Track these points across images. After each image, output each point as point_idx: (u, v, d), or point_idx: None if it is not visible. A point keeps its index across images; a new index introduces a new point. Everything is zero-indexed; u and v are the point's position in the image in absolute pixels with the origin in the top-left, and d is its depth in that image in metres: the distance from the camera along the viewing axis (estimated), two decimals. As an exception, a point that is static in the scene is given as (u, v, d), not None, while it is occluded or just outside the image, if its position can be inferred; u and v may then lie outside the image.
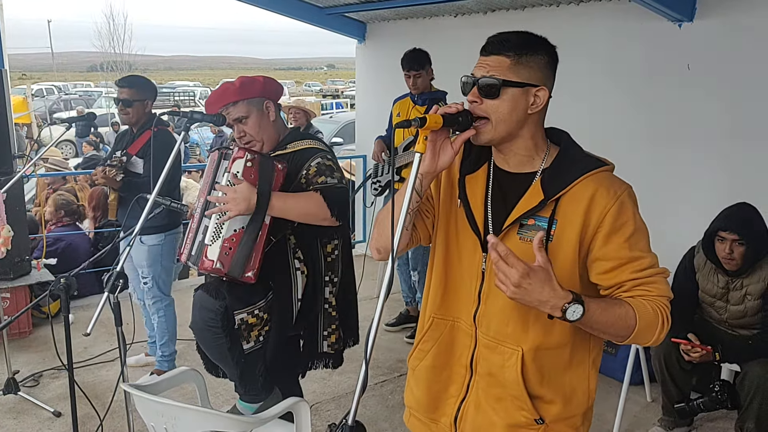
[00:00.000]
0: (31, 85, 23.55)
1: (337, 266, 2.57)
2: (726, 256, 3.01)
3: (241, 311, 2.43)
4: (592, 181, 1.47)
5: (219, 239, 2.29)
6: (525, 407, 1.55)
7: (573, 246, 1.47)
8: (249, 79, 2.49)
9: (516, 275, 1.30)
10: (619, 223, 1.45)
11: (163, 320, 3.80)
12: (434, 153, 1.48)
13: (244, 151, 2.29)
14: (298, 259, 2.44)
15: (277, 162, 2.32)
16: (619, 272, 1.45)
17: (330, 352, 2.58)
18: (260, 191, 2.25)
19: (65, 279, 2.35)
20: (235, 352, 2.50)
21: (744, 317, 3.10)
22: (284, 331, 2.47)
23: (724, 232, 3.01)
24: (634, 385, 3.66)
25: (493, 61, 1.47)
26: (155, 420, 2.10)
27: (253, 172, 2.26)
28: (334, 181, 2.37)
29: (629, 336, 1.42)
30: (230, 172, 2.29)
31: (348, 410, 1.40)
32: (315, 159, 2.39)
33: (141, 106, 3.61)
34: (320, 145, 2.49)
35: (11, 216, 4.26)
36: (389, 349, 4.31)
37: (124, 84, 3.62)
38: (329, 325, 2.55)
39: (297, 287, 2.44)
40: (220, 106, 2.46)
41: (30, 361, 4.12)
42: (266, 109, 2.47)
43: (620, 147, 4.18)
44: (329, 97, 29.54)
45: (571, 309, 1.34)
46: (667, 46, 4.02)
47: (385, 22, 6.09)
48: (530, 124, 1.52)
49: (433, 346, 1.67)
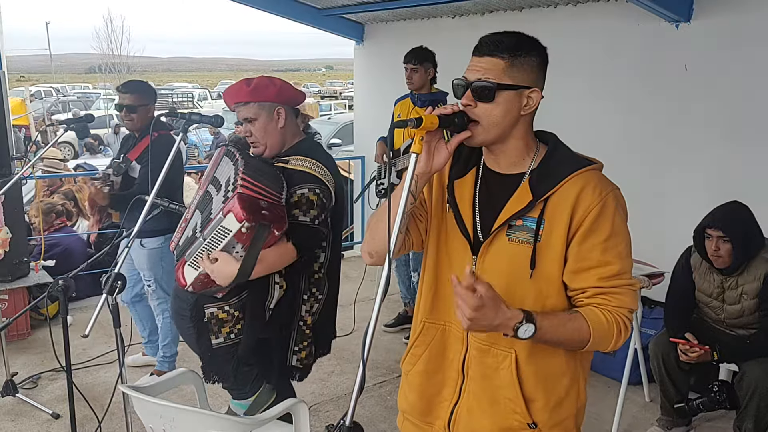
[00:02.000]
0: (29, 87, 23.53)
1: (323, 284, 2.52)
2: (713, 253, 3.02)
3: (211, 305, 2.42)
4: (580, 179, 1.48)
5: (199, 269, 2.29)
6: (518, 410, 1.55)
7: (561, 245, 1.47)
8: (266, 81, 2.44)
9: (468, 310, 1.33)
10: (598, 224, 1.45)
11: (167, 321, 3.79)
12: (429, 154, 1.48)
13: (244, 216, 2.11)
14: (278, 273, 2.38)
15: (274, 227, 2.19)
16: (586, 275, 1.47)
17: (298, 366, 2.53)
18: (244, 266, 2.18)
19: (63, 281, 2.35)
20: (202, 345, 2.47)
21: (741, 317, 3.11)
22: (254, 333, 2.43)
23: (710, 229, 3.02)
24: (633, 385, 3.67)
25: (487, 63, 1.47)
26: (153, 421, 2.10)
27: (246, 238, 2.17)
28: (306, 219, 2.32)
29: (584, 347, 1.48)
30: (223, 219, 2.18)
31: (346, 411, 1.40)
32: (301, 188, 2.33)
33: (145, 110, 3.59)
34: (318, 170, 2.39)
35: (9, 218, 4.27)
36: (388, 350, 4.31)
37: (126, 90, 3.59)
38: (301, 341, 2.50)
39: (272, 298, 2.40)
40: (233, 103, 2.45)
41: (28, 363, 4.11)
42: (277, 114, 2.42)
43: (617, 147, 4.20)
44: (327, 99, 29.52)
45: (523, 328, 1.38)
46: (665, 47, 4.03)
47: (383, 24, 6.10)
48: (522, 125, 1.52)
49: (425, 350, 1.67)
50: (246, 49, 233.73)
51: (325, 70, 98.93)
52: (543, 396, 1.55)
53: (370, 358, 1.38)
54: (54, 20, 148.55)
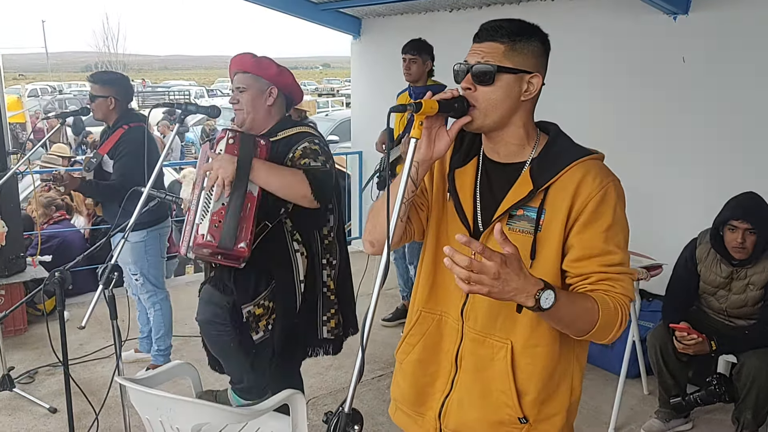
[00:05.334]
0: (25, 85, 23.44)
1: (335, 248, 2.60)
2: (737, 245, 2.99)
3: (248, 304, 2.47)
4: (580, 168, 1.46)
5: (207, 215, 2.33)
6: (510, 403, 1.53)
7: (560, 234, 1.45)
8: (269, 61, 2.56)
9: (495, 266, 1.24)
10: (599, 213, 1.43)
11: (159, 314, 3.78)
12: (430, 140, 1.47)
13: (226, 131, 2.37)
14: (296, 241, 2.47)
15: (259, 138, 2.38)
16: (588, 263, 1.44)
17: (330, 338, 2.59)
18: (241, 158, 2.30)
19: (60, 273, 2.34)
20: (247, 345, 2.53)
21: (744, 307, 3.10)
22: (289, 317, 2.49)
23: (736, 221, 2.99)
24: (631, 378, 3.67)
25: (487, 48, 1.46)
26: (150, 413, 2.09)
27: (235, 148, 2.32)
28: (317, 164, 2.40)
29: (590, 331, 1.40)
30: (215, 152, 2.36)
31: (345, 398, 1.39)
32: (302, 143, 2.43)
33: (104, 102, 3.53)
34: (309, 129, 2.53)
35: (5, 213, 4.25)
36: (385, 344, 4.30)
37: (91, 79, 3.61)
38: (328, 309, 2.56)
39: (299, 268, 2.47)
40: (234, 68, 2.56)
41: (25, 359, 4.10)
42: (269, 93, 2.53)
43: (614, 140, 4.19)
44: (325, 96, 29.50)
45: (544, 295, 1.29)
46: (663, 39, 4.02)
47: (380, 18, 6.09)
48: (522, 112, 1.51)
49: (419, 340, 1.66)
50: (243, 47, 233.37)
51: (322, 67, 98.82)
52: (534, 389, 1.53)
53: (368, 352, 1.36)
54: (50, 18, 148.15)
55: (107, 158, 3.52)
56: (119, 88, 3.59)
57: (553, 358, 1.53)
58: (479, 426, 1.57)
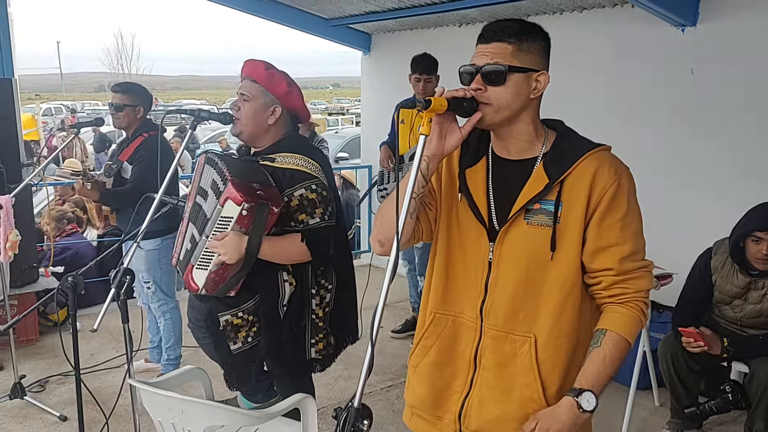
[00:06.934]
0: (40, 105, 23.75)
1: (330, 273, 2.50)
2: (763, 257, 2.96)
3: (225, 313, 2.42)
4: (594, 159, 1.50)
5: (206, 270, 2.32)
6: (535, 397, 1.54)
7: (579, 225, 1.49)
8: (282, 77, 2.42)
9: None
10: (615, 203, 1.48)
11: (170, 323, 3.80)
12: (441, 135, 1.49)
13: (242, 198, 2.14)
14: (286, 271, 2.39)
15: (273, 206, 2.21)
16: (604, 255, 1.49)
17: (318, 358, 2.53)
18: (251, 243, 2.21)
19: (72, 277, 2.36)
20: (221, 352, 2.49)
21: (759, 317, 3.08)
22: (273, 333, 2.44)
23: (761, 232, 2.96)
24: (642, 390, 3.64)
25: (495, 48, 1.49)
26: (162, 415, 2.09)
27: (247, 220, 2.19)
28: (316, 220, 2.32)
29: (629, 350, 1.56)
30: (221, 210, 2.22)
31: (354, 393, 1.40)
32: (299, 189, 2.31)
33: (132, 111, 3.64)
34: (309, 166, 2.35)
35: (19, 224, 4.29)
36: (395, 355, 4.29)
37: (117, 89, 3.68)
38: (316, 334, 2.50)
39: (283, 296, 2.40)
40: (245, 73, 2.44)
41: (36, 368, 4.12)
42: (272, 111, 2.40)
43: (623, 151, 4.17)
44: (335, 115, 29.72)
45: (584, 402, 1.48)
46: (671, 51, 4.04)
47: (390, 33, 6.15)
48: (531, 109, 1.54)
49: (435, 342, 1.66)
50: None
51: (332, 87, 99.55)
52: (558, 380, 1.55)
53: (377, 363, 1.37)
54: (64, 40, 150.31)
55: (127, 165, 3.60)
56: (144, 98, 3.72)
57: (573, 349, 1.56)
58: (503, 423, 1.57)
